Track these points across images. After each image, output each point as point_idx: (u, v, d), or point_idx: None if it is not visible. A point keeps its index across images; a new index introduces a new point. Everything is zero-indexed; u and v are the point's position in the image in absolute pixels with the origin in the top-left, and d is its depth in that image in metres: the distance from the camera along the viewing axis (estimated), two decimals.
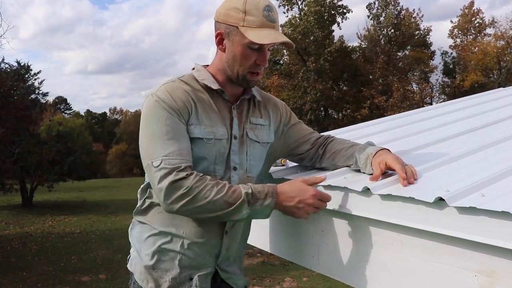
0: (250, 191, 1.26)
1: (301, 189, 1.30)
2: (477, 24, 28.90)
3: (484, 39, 28.27)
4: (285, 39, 1.34)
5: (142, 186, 1.48)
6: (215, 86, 1.40)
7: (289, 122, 1.60)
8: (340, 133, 2.34)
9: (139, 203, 1.49)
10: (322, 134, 1.67)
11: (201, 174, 1.27)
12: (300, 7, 24.95)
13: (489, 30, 28.37)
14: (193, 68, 1.49)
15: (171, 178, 1.23)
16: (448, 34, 29.95)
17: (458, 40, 29.53)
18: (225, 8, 1.36)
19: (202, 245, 1.39)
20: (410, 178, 1.23)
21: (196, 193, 1.23)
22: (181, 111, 1.33)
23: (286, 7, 25.18)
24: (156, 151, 1.28)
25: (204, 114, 1.37)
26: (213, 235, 1.40)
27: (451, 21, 30.28)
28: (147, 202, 1.45)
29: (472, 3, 29.17)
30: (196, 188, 1.23)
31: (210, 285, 1.43)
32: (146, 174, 1.41)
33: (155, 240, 1.41)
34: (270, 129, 1.53)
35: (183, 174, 1.24)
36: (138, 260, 1.45)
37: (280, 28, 1.39)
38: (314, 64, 23.24)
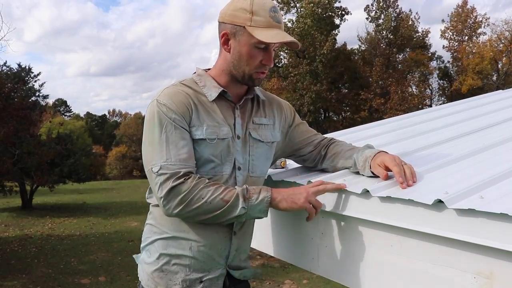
0: (245, 187, 1.30)
1: (296, 187, 1.35)
2: (471, 23, 28.29)
3: (480, 39, 28.00)
4: (292, 38, 1.37)
5: (149, 188, 1.48)
6: (215, 92, 1.40)
7: (293, 123, 1.60)
8: (339, 136, 2.34)
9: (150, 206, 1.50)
10: (325, 136, 1.68)
11: (199, 176, 1.29)
12: (298, 10, 24.96)
13: (484, 30, 28.04)
14: (195, 73, 1.49)
15: (169, 184, 1.25)
16: (440, 34, 29.42)
17: (453, 42, 29.12)
18: (231, 9, 1.37)
19: (211, 247, 1.38)
20: (409, 181, 1.23)
21: (193, 195, 1.25)
22: (183, 115, 1.33)
23: (284, 10, 25.21)
24: (155, 156, 1.29)
25: (206, 115, 1.37)
26: (221, 236, 1.39)
27: (443, 21, 29.52)
28: (154, 204, 1.45)
29: (465, 2, 28.35)
30: (193, 191, 1.25)
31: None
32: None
33: (164, 243, 1.40)
34: (274, 128, 1.53)
35: (181, 179, 1.25)
36: (146, 264, 1.44)
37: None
38: (308, 67, 23.27)
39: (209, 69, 1.49)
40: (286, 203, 1.31)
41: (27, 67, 16.62)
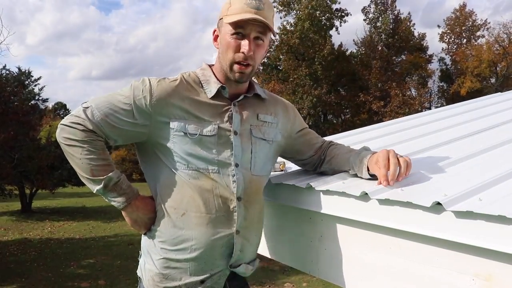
0: (117, 179, 1.35)
1: (149, 211, 1.42)
2: (470, 26, 28.20)
3: (478, 41, 27.93)
4: (255, 16, 1.30)
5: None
6: (214, 88, 1.40)
7: (297, 127, 1.60)
8: (339, 138, 2.35)
9: None
10: (325, 139, 1.67)
11: (95, 139, 1.33)
12: (297, 12, 24.96)
13: (482, 32, 27.98)
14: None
15: (72, 120, 1.33)
16: (439, 38, 29.35)
17: (452, 45, 29.09)
18: (221, 9, 1.41)
19: (213, 246, 1.36)
20: (391, 180, 1.26)
21: (77, 145, 1.32)
22: (153, 108, 1.35)
23: (284, 12, 25.24)
24: (96, 98, 1.37)
25: (192, 110, 1.36)
26: (223, 236, 1.37)
27: (438, 26, 29.42)
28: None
29: (464, 5, 28.07)
30: (80, 143, 1.32)
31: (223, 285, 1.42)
32: (145, 176, 1.45)
33: (164, 247, 1.39)
34: (277, 128, 1.52)
35: (82, 127, 1.31)
36: (147, 268, 1.43)
37: (271, 21, 1.38)
38: (307, 70, 23.30)
39: (213, 64, 1.50)
40: (130, 222, 1.43)
41: (26, 71, 16.63)
